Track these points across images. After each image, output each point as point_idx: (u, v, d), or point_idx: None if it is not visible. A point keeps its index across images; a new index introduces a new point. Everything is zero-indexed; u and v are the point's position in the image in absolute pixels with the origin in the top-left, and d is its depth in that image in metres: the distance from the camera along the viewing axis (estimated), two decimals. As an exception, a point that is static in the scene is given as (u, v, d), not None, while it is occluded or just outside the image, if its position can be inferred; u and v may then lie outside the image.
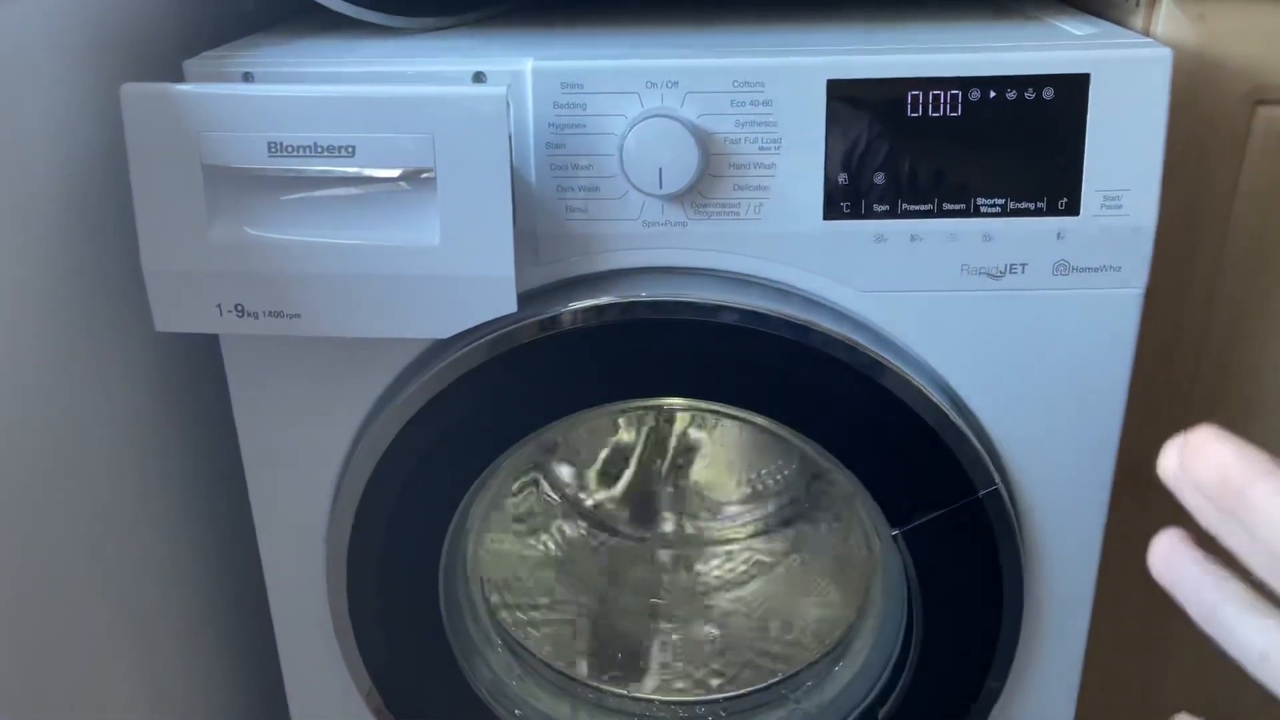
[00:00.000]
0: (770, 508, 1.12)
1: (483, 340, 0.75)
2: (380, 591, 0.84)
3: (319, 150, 0.66)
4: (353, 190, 0.68)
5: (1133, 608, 1.03)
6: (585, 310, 0.74)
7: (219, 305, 0.70)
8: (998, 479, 0.77)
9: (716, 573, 1.12)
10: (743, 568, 1.12)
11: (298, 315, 0.70)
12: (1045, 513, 0.80)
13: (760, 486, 1.12)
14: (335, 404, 0.79)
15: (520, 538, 1.08)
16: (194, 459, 0.90)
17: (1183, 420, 0.95)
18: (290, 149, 0.66)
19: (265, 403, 0.80)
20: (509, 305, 0.70)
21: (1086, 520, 0.81)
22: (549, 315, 0.74)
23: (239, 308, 0.70)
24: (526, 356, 0.75)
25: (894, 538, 0.80)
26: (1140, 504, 0.98)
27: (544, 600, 1.05)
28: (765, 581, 1.09)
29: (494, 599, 0.99)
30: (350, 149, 0.66)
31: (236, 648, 0.99)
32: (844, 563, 1.03)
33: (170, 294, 0.70)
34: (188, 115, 0.67)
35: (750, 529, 1.13)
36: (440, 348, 0.76)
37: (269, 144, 0.66)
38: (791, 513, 1.11)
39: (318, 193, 0.68)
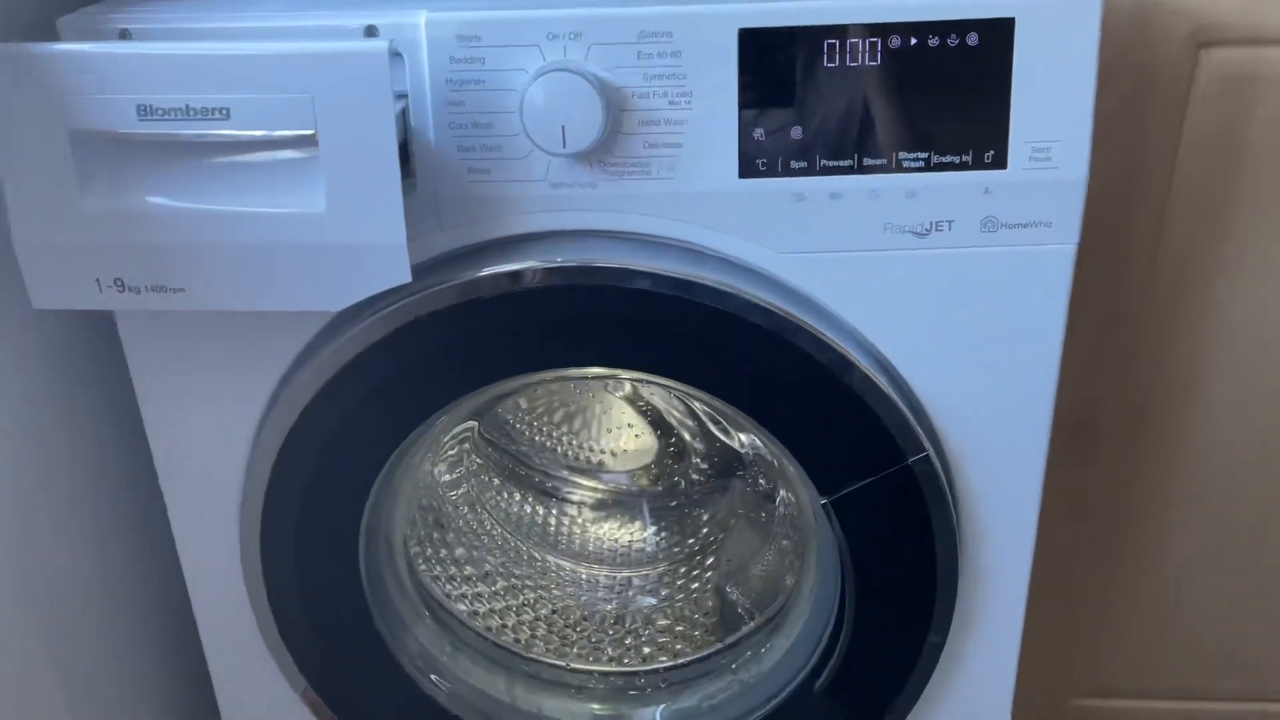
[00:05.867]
0: (705, 474, 1.10)
1: (387, 310, 0.71)
2: (299, 571, 0.81)
3: (191, 112, 0.62)
4: (233, 155, 0.64)
5: (1083, 565, 1.01)
6: (492, 278, 0.71)
7: (98, 280, 0.66)
8: (928, 445, 0.74)
9: (657, 539, 1.09)
10: (686, 536, 1.09)
11: (181, 289, 0.66)
12: (979, 476, 0.77)
13: (695, 448, 1.10)
14: (240, 379, 0.76)
15: (453, 506, 1.05)
16: (99, 444, 0.87)
17: (1129, 378, 0.92)
18: (161, 112, 0.62)
19: (167, 380, 0.77)
20: (402, 275, 0.66)
21: (1022, 482, 0.78)
22: (453, 283, 0.71)
23: (119, 282, 0.66)
24: (433, 327, 0.72)
25: (823, 506, 0.77)
26: (1086, 462, 0.96)
27: (475, 570, 1.02)
28: (708, 549, 1.07)
29: (421, 568, 0.96)
30: (224, 111, 0.62)
31: (160, 646, 0.96)
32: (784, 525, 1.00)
33: (45, 268, 0.66)
34: (51, 77, 0.62)
35: (689, 492, 1.11)
36: (346, 318, 0.73)
37: (138, 107, 0.62)
38: (727, 478, 1.09)
39: (196, 158, 0.64)
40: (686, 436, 1.10)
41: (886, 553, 0.78)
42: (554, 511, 1.12)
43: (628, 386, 1.08)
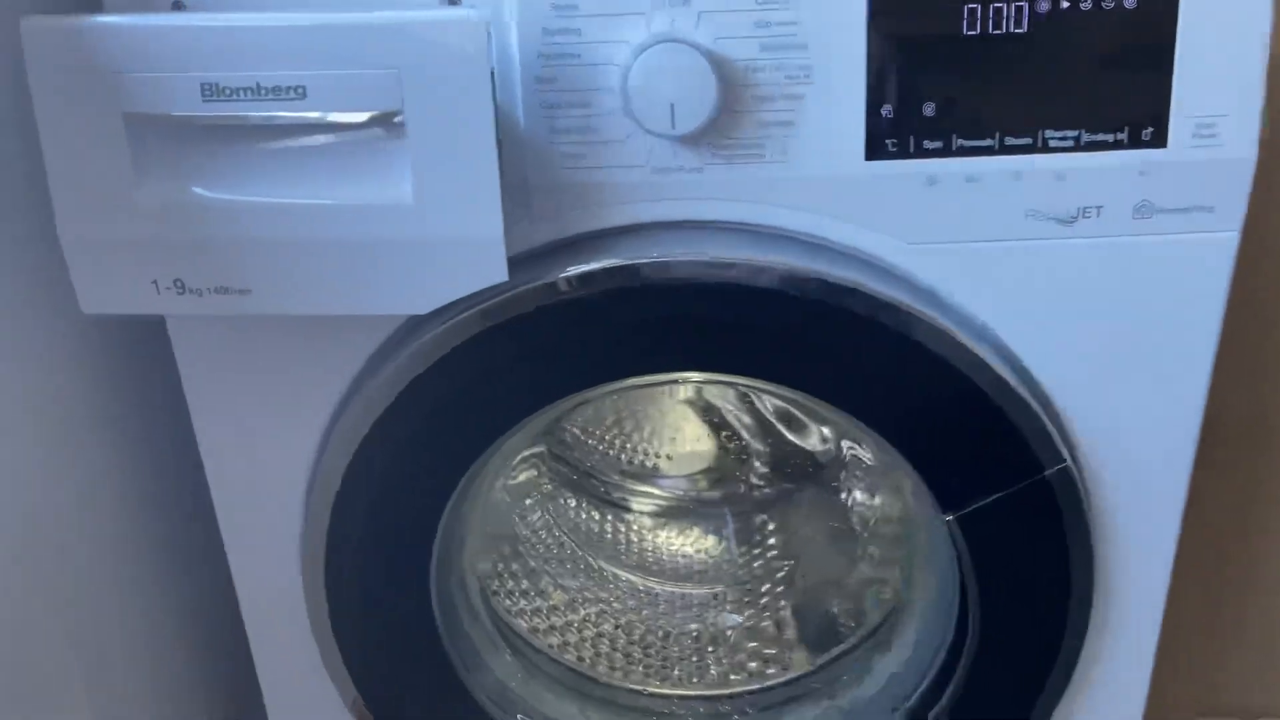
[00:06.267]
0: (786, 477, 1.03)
1: (467, 314, 0.64)
2: (364, 597, 0.74)
3: (262, 92, 0.55)
4: (308, 140, 0.57)
5: (1195, 578, 0.94)
6: (585, 275, 0.64)
7: (155, 281, 0.59)
8: (1066, 455, 0.67)
9: (726, 549, 1.03)
10: (756, 547, 1.03)
11: (248, 291, 0.59)
12: (1118, 490, 0.71)
13: (759, 450, 1.03)
14: (302, 390, 0.69)
15: (522, 521, 0.98)
16: (146, 456, 0.80)
17: (1255, 378, 0.85)
18: (228, 91, 0.55)
19: (223, 391, 0.70)
20: (498, 273, 0.59)
21: (1165, 496, 0.71)
22: (543, 283, 0.64)
23: (179, 283, 0.59)
24: (518, 332, 0.65)
25: (946, 523, 0.70)
26: (1204, 466, 0.89)
27: (532, 584, 0.95)
28: (785, 562, 1.00)
29: (492, 589, 0.90)
30: (300, 90, 0.55)
31: (206, 664, 0.90)
32: (883, 533, 0.93)
33: (96, 269, 0.59)
34: (104, 53, 0.55)
35: (758, 499, 1.04)
36: (419, 323, 0.66)
37: (203, 86, 0.55)
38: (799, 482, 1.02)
39: (266, 144, 0.57)
40: (749, 438, 1.04)
41: (1015, 570, 0.71)
42: (609, 517, 1.06)
43: (690, 388, 1.01)
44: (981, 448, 0.67)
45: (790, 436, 1.01)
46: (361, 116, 0.56)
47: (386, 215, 0.57)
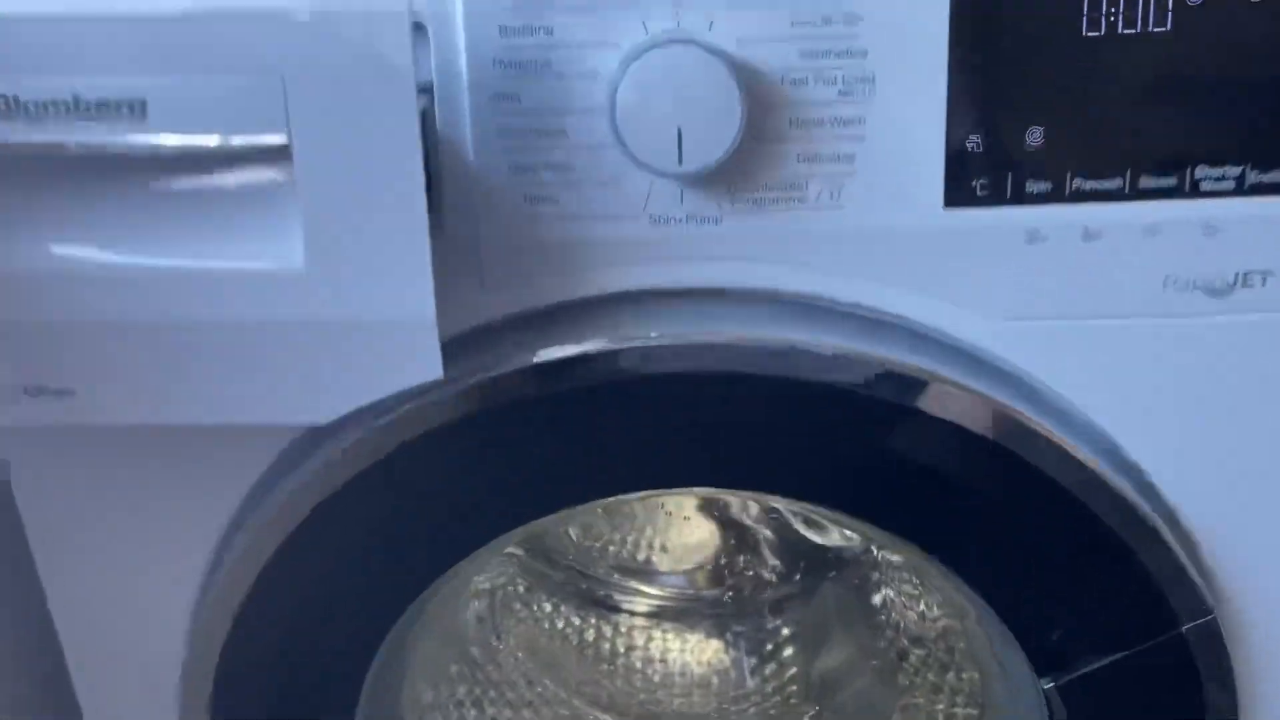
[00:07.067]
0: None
1: (389, 419, 0.47)
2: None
3: (84, 108, 0.38)
4: (154, 180, 0.40)
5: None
6: (556, 365, 0.48)
7: (-65, 379, 0.42)
8: (1210, 603, 0.51)
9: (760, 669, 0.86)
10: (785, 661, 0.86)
11: (69, 392, 0.42)
12: (1268, 643, 0.54)
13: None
14: (175, 518, 0.52)
15: (480, 642, 0.80)
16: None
17: None
18: (33, 107, 0.38)
19: (73, 526, 0.53)
20: (430, 369, 0.43)
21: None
22: (497, 375, 0.47)
23: (-31, 382, 0.42)
24: (462, 442, 0.48)
25: (1045, 691, 0.53)
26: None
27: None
28: (809, 692, 0.83)
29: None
30: (138, 105, 0.38)
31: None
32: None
33: None
34: None
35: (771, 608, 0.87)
36: (324, 431, 0.49)
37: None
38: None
39: (91, 183, 0.40)
40: (768, 533, 0.87)
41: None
42: (592, 620, 0.89)
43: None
44: (1096, 596, 0.51)
45: (807, 533, 0.85)
46: (229, 143, 0.39)
47: (267, 286, 0.40)
